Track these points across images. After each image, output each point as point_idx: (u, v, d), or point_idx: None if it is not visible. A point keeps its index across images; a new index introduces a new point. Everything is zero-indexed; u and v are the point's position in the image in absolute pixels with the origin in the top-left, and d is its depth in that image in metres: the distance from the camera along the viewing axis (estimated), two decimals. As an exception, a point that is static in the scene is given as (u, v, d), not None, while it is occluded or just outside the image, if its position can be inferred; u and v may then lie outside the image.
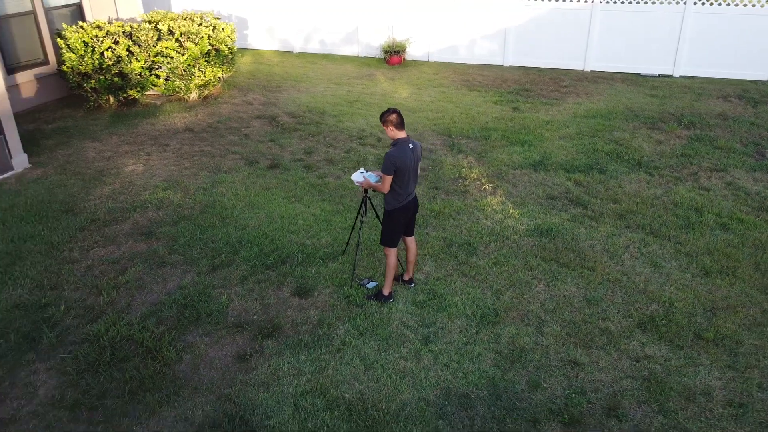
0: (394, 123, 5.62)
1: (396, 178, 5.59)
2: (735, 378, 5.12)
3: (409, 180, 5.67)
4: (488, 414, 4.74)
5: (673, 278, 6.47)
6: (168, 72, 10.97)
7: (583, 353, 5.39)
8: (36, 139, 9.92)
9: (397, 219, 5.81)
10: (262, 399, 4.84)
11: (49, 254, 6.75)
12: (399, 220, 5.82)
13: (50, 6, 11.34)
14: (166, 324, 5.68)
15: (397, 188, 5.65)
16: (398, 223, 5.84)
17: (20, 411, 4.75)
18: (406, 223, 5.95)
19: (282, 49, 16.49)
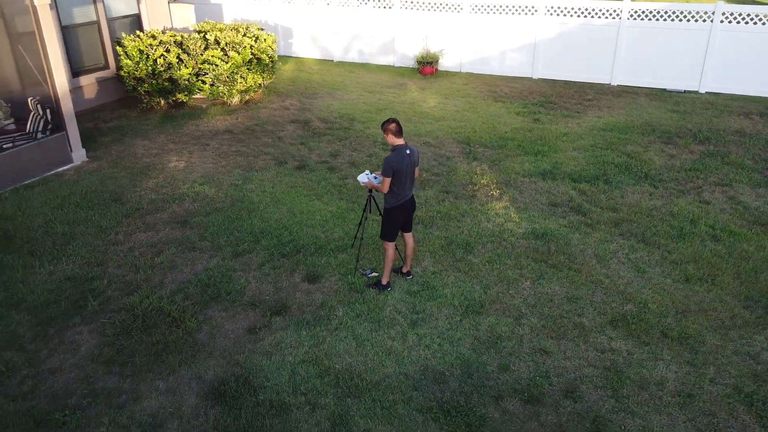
0: (393, 131, 6.33)
1: (394, 180, 6.31)
2: (690, 372, 5.62)
3: (405, 182, 6.37)
4: (458, 389, 5.40)
5: (653, 282, 6.96)
6: (213, 78, 12.01)
7: (554, 343, 5.97)
8: (94, 136, 11.09)
9: (395, 216, 6.53)
10: (264, 365, 5.64)
11: (98, 236, 7.77)
12: (397, 217, 6.54)
13: (112, 16, 12.57)
14: (190, 299, 6.56)
15: (395, 189, 6.37)
16: (396, 220, 6.56)
17: (65, 363, 5.69)
18: (404, 221, 6.66)
19: (323, 58, 17.44)
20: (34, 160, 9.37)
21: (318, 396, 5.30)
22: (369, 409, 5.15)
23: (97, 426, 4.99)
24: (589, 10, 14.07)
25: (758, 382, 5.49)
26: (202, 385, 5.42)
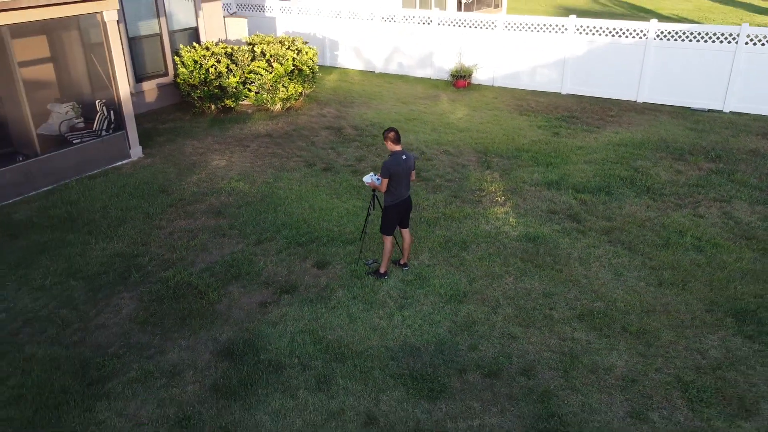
0: (392, 139, 7.29)
1: (391, 182, 7.26)
2: (639, 362, 6.30)
3: (401, 183, 7.31)
4: (429, 362, 6.28)
5: (627, 284, 7.63)
6: (258, 87, 13.27)
7: (522, 330, 6.77)
8: (151, 135, 12.52)
9: (392, 213, 7.48)
10: (269, 332, 6.68)
11: (145, 221, 9.05)
12: (394, 214, 7.48)
13: (173, 29, 14.04)
14: (215, 276, 7.69)
15: (392, 189, 7.32)
16: (393, 217, 7.50)
17: (108, 321, 6.89)
18: (401, 218, 7.60)
19: (365, 69, 18.54)
20: (97, 155, 10.81)
21: (309, 359, 6.29)
22: (350, 372, 6.10)
23: (128, 370, 6.14)
24: (617, 30, 14.61)
25: (699, 373, 6.13)
26: (216, 345, 6.50)
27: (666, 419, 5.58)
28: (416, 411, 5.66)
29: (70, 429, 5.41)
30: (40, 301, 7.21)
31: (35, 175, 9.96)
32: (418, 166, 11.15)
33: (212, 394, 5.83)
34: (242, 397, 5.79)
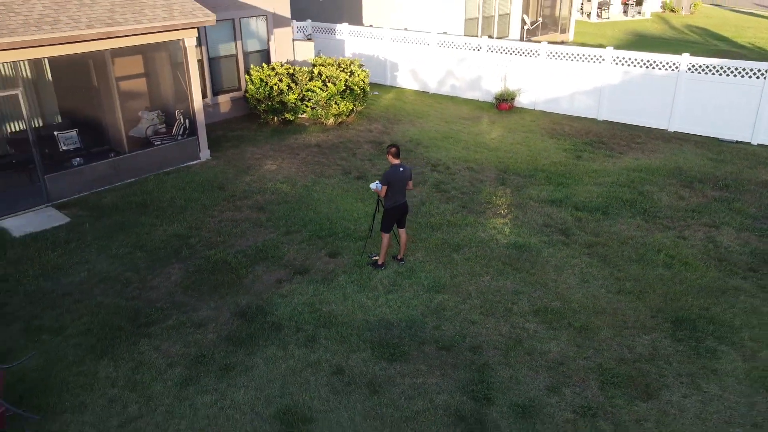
0: (393, 154, 8.86)
1: (390, 189, 8.82)
2: (572, 351, 7.50)
3: (398, 190, 8.86)
4: (397, 334, 7.77)
5: (589, 290, 8.77)
6: (314, 103, 15.21)
7: (482, 318, 8.12)
8: (220, 141, 14.72)
9: (391, 214, 9.03)
10: (277, 302, 8.41)
11: (201, 211, 11.09)
12: (392, 215, 9.03)
13: (248, 51, 16.29)
14: (247, 257, 9.54)
15: (390, 195, 8.88)
16: (391, 217, 9.05)
17: (160, 284, 8.87)
18: (397, 219, 9.13)
19: (421, 90, 20.15)
20: (173, 155, 13.06)
21: (303, 324, 7.95)
22: (332, 336, 7.71)
23: (167, 320, 8.04)
24: (651, 62, 15.42)
25: (620, 363, 7.26)
26: (236, 308, 8.30)
27: (576, 394, 6.78)
28: (375, 368, 7.18)
29: (119, 355, 7.35)
30: (113, 266, 9.33)
31: (122, 169, 12.30)
32: (438, 179, 12.62)
33: (225, 342, 7.61)
34: (246, 346, 7.53)
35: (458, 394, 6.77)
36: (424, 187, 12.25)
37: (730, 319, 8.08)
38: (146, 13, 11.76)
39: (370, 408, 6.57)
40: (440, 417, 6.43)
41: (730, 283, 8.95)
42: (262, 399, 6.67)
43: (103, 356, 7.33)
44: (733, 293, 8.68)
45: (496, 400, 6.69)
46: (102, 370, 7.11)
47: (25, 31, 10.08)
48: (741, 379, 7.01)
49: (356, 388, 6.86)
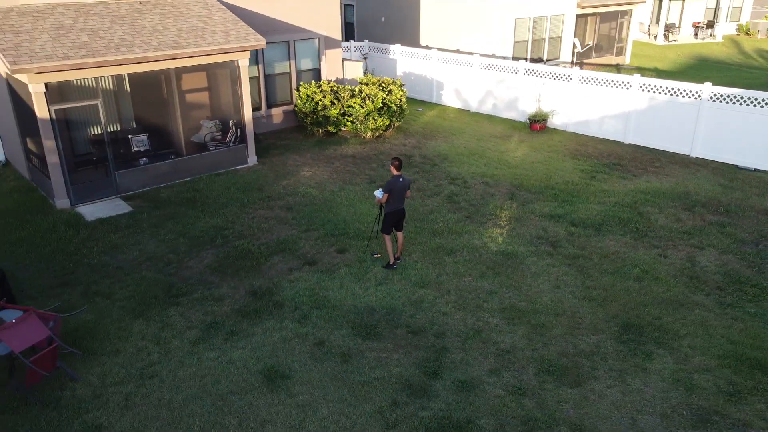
0: (395, 166, 10.29)
1: (390, 196, 10.26)
2: (523, 343, 8.64)
3: (397, 198, 10.27)
4: (377, 318, 9.18)
5: (557, 295, 9.83)
6: (353, 118, 16.87)
7: (453, 311, 9.38)
8: (268, 149, 16.65)
9: (390, 219, 10.45)
10: (284, 286, 10.02)
11: (239, 208, 12.92)
12: (391, 219, 10.45)
13: (300, 69, 18.20)
14: (268, 249, 11.23)
15: (390, 201, 10.31)
16: (390, 222, 10.47)
17: (194, 265, 10.69)
18: (396, 223, 10.54)
19: (463, 108, 21.42)
20: (224, 159, 15.05)
21: (301, 304, 9.51)
22: (322, 315, 9.22)
23: (194, 293, 9.81)
24: (675, 90, 16.03)
25: (560, 356, 8.34)
26: (250, 288, 9.98)
27: (512, 377, 7.95)
28: (351, 343, 8.62)
29: (152, 317, 9.17)
30: (159, 248, 11.27)
31: (180, 169, 14.39)
32: (453, 191, 13.91)
33: (235, 314, 9.29)
34: (251, 318, 9.18)
35: (413, 368, 8.10)
36: (438, 198, 13.58)
37: (677, 329, 8.94)
38: (206, 38, 13.81)
39: (338, 372, 8.02)
40: (392, 384, 7.80)
41: (691, 298, 9.76)
42: (254, 358, 8.27)
43: (139, 317, 9.18)
44: (690, 307, 9.50)
45: (443, 375, 7.97)
46: (136, 327, 8.95)
47: (106, 53, 12.30)
48: (665, 378, 7.94)
49: (331, 357, 8.34)
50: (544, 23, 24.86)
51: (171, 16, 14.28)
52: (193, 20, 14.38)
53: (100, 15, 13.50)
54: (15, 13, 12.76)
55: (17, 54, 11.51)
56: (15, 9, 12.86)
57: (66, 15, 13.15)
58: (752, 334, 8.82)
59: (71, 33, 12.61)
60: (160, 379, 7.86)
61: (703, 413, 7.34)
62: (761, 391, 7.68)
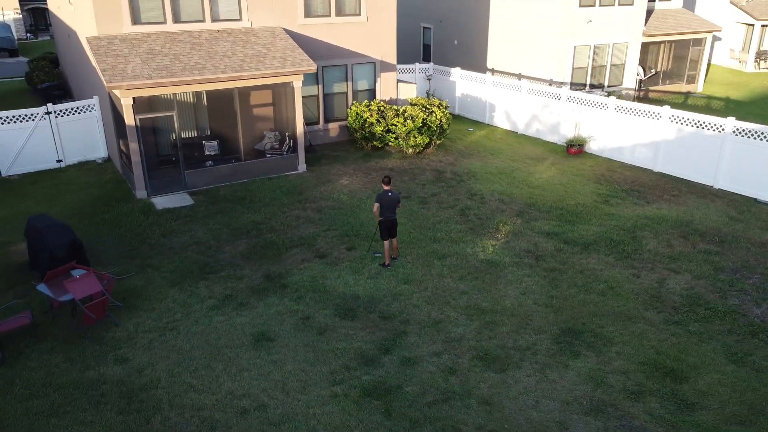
0: (385, 182, 12.17)
1: (381, 207, 12.12)
2: (470, 335, 10.18)
3: (387, 209, 12.12)
4: (359, 304, 11.06)
5: (520, 300, 11.23)
6: (396, 135, 18.83)
7: (423, 304, 11.07)
8: (319, 159, 18.97)
9: (383, 226, 12.30)
10: (293, 272, 12.15)
11: (278, 207, 15.28)
12: (383, 227, 12.30)
13: (357, 89, 20.43)
14: (291, 242, 13.44)
15: (382, 211, 12.17)
16: (384, 229, 12.33)
17: (229, 251, 13.10)
18: (389, 230, 12.36)
19: (511, 129, 22.72)
20: (277, 165, 17.54)
21: (301, 288, 11.59)
22: (315, 298, 11.25)
23: (221, 272, 12.18)
24: (701, 122, 16.60)
25: (497, 348, 9.82)
26: (267, 272, 12.20)
27: (449, 360, 9.55)
28: (330, 321, 10.57)
29: (184, 287, 11.61)
30: (206, 235, 13.81)
31: (239, 172, 17.02)
32: (467, 205, 15.47)
33: (248, 290, 11.53)
34: (258, 294, 11.38)
35: (371, 344, 9.92)
36: (451, 211, 15.21)
37: (613, 337, 10.11)
38: (266, 63, 16.36)
39: (311, 341, 10.01)
40: (350, 354, 9.66)
41: (642, 314, 10.82)
42: (251, 324, 10.45)
43: (175, 285, 11.67)
44: (636, 321, 10.59)
45: (393, 352, 9.73)
46: (171, 293, 11.43)
47: (181, 74, 15.12)
48: (581, 374, 9.23)
49: (310, 329, 10.34)
50: (605, 51, 25.55)
51: (241, 44, 17.00)
52: (258, 47, 17.02)
53: (184, 42, 16.43)
54: (118, 40, 15.95)
55: (113, 74, 14.56)
56: (118, 36, 16.06)
57: (156, 42, 16.18)
58: (680, 349, 9.83)
59: (158, 57, 15.58)
60: (177, 332, 10.23)
61: (600, 405, 8.60)
62: (661, 394, 8.80)
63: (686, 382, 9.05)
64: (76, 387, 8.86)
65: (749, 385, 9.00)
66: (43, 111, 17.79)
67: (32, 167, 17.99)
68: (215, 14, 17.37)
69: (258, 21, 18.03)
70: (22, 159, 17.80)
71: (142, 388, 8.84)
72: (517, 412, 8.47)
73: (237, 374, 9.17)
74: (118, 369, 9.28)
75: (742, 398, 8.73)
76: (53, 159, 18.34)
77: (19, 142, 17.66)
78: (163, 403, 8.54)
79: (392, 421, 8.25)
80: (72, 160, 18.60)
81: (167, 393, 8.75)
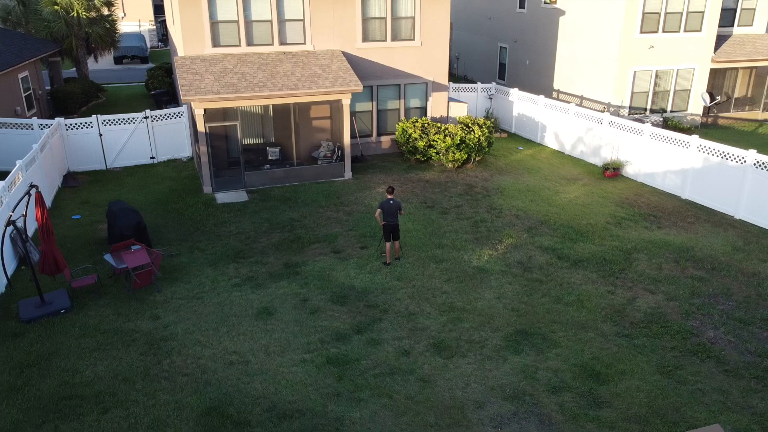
0: (388, 191, 14.10)
1: (383, 212, 14.03)
2: (436, 327, 11.85)
3: (388, 215, 14.01)
4: (350, 294, 13.07)
5: (492, 303, 12.71)
6: (436, 150, 20.58)
7: (405, 298, 12.86)
8: (366, 168, 21.13)
9: (385, 230, 14.21)
10: (308, 263, 14.37)
11: (315, 208, 17.60)
12: (385, 231, 14.21)
13: (409, 107, 22.39)
14: (315, 239, 15.68)
15: (384, 217, 14.08)
16: (385, 232, 14.24)
17: (264, 241, 15.58)
18: (390, 233, 14.24)
19: (558, 150, 23.64)
20: (326, 172, 19.91)
21: (309, 276, 13.77)
22: (318, 284, 13.39)
23: (250, 257, 14.66)
24: (725, 153, 16.93)
25: (453, 340, 11.42)
26: (287, 262, 14.52)
27: (408, 344, 11.30)
28: (322, 304, 12.66)
29: (218, 267, 14.19)
30: (249, 227, 16.41)
31: (291, 176, 19.58)
32: (483, 218, 16.95)
33: (267, 275, 13.89)
34: (274, 278, 13.70)
35: (348, 325, 11.90)
36: (466, 222, 16.78)
37: (559, 341, 11.38)
38: (318, 83, 18.79)
39: (302, 318, 12.15)
40: (328, 331, 11.70)
41: (598, 325, 11.94)
42: (259, 301, 12.78)
43: (211, 266, 14.29)
44: (589, 330, 11.75)
45: (364, 333, 11.64)
46: (206, 271, 14.04)
47: (244, 91, 17.90)
48: (515, 368, 10.65)
49: (305, 309, 12.49)
50: (669, 76, 25.67)
51: (301, 65, 19.58)
52: (315, 68, 19.51)
53: (252, 62, 19.27)
54: (199, 60, 19.06)
55: (189, 89, 17.60)
56: (200, 57, 19.17)
57: (230, 62, 19.13)
58: (616, 357, 10.94)
59: (228, 75, 18.49)
60: (201, 301, 12.77)
61: (520, 393, 10.03)
62: (578, 392, 10.06)
63: (606, 385, 10.22)
64: (116, 333, 11.61)
65: (663, 393, 10.01)
66: (142, 116, 21.40)
67: (130, 162, 21.66)
68: (283, 38, 20.09)
69: (320, 45, 20.55)
70: (123, 154, 21.50)
71: (162, 339, 11.41)
72: (446, 390, 10.11)
73: (235, 336, 11.51)
74: (150, 323, 11.94)
75: (650, 403, 9.79)
76: (148, 156, 21.93)
77: (122, 141, 21.36)
78: (174, 351, 11.04)
79: (340, 384, 10.20)
80: (163, 158, 22.11)
81: (179, 344, 11.25)
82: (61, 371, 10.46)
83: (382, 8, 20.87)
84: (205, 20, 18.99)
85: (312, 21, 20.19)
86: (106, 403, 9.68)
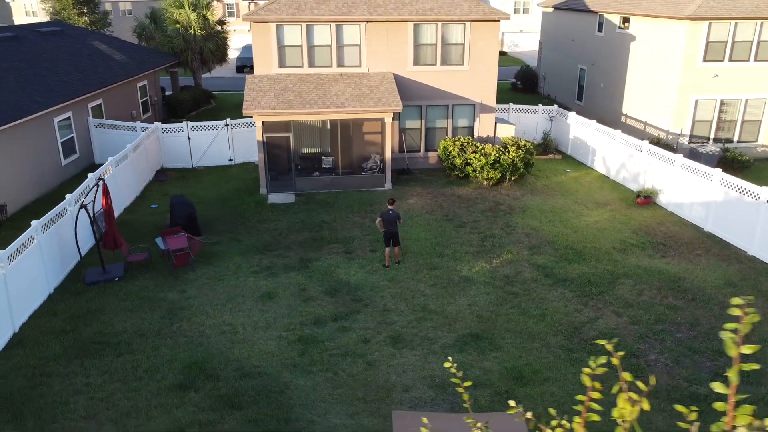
0: (389, 202, 16.04)
1: (383, 221, 15.97)
2: (404, 322, 13.61)
3: (388, 224, 15.93)
4: (343, 288, 15.16)
5: (461, 308, 14.21)
6: (472, 168, 22.05)
7: (389, 297, 14.72)
8: (409, 180, 23.03)
9: (385, 237, 16.14)
10: (319, 260, 16.66)
11: (346, 212, 19.85)
12: (385, 237, 16.13)
13: (456, 126, 23.99)
14: (334, 239, 17.93)
15: (384, 225, 16.01)
16: (385, 238, 16.15)
17: (292, 239, 18.10)
18: (390, 239, 16.13)
19: (604, 174, 24.03)
20: (368, 181, 22.12)
21: (314, 270, 16.04)
22: (319, 277, 15.63)
23: (276, 250, 17.20)
24: (742, 188, 16.93)
25: (411, 335, 13.14)
26: (303, 257, 16.90)
27: (368, 334, 13.18)
28: (316, 293, 14.86)
29: (247, 257, 16.88)
30: (285, 225, 19.00)
31: (336, 183, 22.00)
32: (495, 233, 18.29)
33: (282, 266, 16.35)
34: (287, 270, 16.12)
35: (329, 313, 14.01)
36: (476, 236, 18.21)
37: (503, 346, 12.71)
38: (363, 102, 21.06)
39: (295, 303, 14.44)
40: (311, 316, 13.89)
41: (548, 338, 13.08)
42: (267, 286, 15.25)
43: (241, 255, 17.02)
44: (535, 340, 12.95)
45: (338, 321, 13.70)
46: (234, 258, 16.78)
47: (297, 107, 20.61)
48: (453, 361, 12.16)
49: (300, 296, 14.77)
50: (736, 106, 25.03)
51: (353, 85, 21.96)
52: (364, 89, 21.80)
53: (309, 82, 21.95)
54: (266, 79, 22.07)
55: (251, 104, 20.60)
56: (266, 76, 22.19)
57: (290, 81, 21.95)
58: (547, 366, 12.11)
59: (286, 93, 21.30)
60: (222, 282, 15.48)
61: (445, 383, 11.60)
62: (494, 389, 11.43)
63: (525, 387, 11.50)
64: (149, 300, 14.59)
65: (572, 400, 11.07)
66: (223, 123, 24.90)
67: (211, 162, 25.25)
68: (341, 61, 22.61)
69: (374, 67, 22.83)
70: (206, 156, 25.13)
71: (179, 308, 14.22)
72: (384, 374, 11.91)
73: (235, 312, 14.04)
74: (176, 295, 14.82)
75: (556, 407, 10.94)
76: (226, 158, 25.43)
77: (206, 144, 24.99)
78: (185, 318, 13.78)
79: (300, 358, 12.35)
80: (239, 160, 25.51)
81: (190, 313, 13.98)
82: (99, 323, 13.56)
83: (433, 35, 22.75)
84: (273, 45, 21.97)
85: (367, 46, 22.52)
86: (122, 350, 12.58)
